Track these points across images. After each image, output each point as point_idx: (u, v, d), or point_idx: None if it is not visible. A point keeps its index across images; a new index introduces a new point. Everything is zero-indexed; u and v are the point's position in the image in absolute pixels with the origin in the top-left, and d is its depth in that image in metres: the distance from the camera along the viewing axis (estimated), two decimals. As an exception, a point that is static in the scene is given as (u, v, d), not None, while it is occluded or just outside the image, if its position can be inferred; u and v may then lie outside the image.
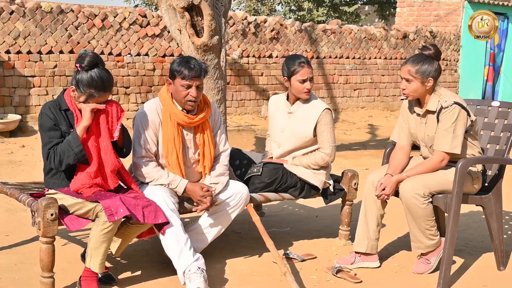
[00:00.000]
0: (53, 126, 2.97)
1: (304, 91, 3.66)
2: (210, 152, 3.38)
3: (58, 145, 2.96)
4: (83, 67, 2.95)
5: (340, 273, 3.40)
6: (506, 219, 4.53)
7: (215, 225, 3.42)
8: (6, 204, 4.49)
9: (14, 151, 6.78)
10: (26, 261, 3.44)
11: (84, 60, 2.96)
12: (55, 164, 2.96)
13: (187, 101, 3.25)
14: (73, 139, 2.93)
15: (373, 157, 7.30)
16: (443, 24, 12.60)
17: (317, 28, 10.51)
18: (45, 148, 2.99)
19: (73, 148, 2.92)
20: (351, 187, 3.89)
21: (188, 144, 3.36)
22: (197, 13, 5.21)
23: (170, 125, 3.27)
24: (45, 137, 2.99)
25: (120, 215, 2.85)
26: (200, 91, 3.26)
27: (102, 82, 2.96)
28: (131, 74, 8.58)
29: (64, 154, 2.92)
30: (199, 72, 3.22)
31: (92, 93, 2.95)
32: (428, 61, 3.36)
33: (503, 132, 3.59)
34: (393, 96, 11.70)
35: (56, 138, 2.97)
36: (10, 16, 7.57)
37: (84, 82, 2.95)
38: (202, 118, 3.34)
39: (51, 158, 2.95)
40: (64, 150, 2.92)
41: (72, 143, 2.92)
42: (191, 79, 3.21)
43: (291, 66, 3.66)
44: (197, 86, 3.24)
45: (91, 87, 2.94)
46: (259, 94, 9.89)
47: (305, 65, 3.65)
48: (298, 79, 3.65)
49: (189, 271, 3.05)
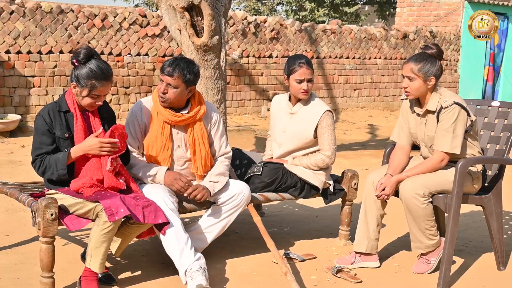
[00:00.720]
0: (46, 131, 2.98)
1: (301, 91, 3.66)
2: (201, 152, 3.36)
3: (47, 154, 2.98)
4: (80, 61, 2.97)
5: (340, 273, 3.40)
6: (506, 219, 4.53)
7: (216, 224, 3.42)
8: (6, 204, 4.49)
9: (14, 151, 6.78)
10: (26, 261, 3.44)
11: (79, 54, 2.98)
12: (38, 172, 3.02)
13: (159, 95, 3.28)
14: (62, 160, 2.95)
15: (373, 157, 7.30)
16: (443, 24, 12.61)
17: (317, 28, 10.51)
18: (34, 152, 3.02)
19: (57, 169, 2.95)
20: (351, 187, 3.89)
21: (179, 142, 3.36)
22: (197, 13, 5.20)
23: (155, 123, 3.31)
24: (36, 140, 3.02)
25: (120, 215, 2.85)
26: (172, 90, 3.23)
27: (102, 71, 2.97)
28: (131, 74, 8.59)
29: (49, 169, 2.96)
30: (172, 72, 3.21)
31: (94, 84, 2.96)
32: (431, 60, 3.37)
33: (503, 132, 3.59)
34: (393, 96, 11.70)
35: (46, 145, 2.98)
36: (10, 16, 7.57)
37: (84, 75, 2.96)
38: (191, 117, 3.32)
39: (36, 164, 3.00)
40: (51, 165, 2.96)
41: (59, 163, 2.95)
42: (163, 75, 3.24)
43: (291, 65, 3.66)
44: (168, 84, 3.23)
45: (92, 78, 2.95)
46: (259, 94, 9.89)
47: (304, 66, 3.65)
48: (295, 78, 3.64)
49: (190, 269, 3.05)
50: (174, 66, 3.23)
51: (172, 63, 3.25)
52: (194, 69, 3.29)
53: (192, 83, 3.28)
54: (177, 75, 3.22)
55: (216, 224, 3.42)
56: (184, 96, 3.30)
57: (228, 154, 3.51)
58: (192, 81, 3.28)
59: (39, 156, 2.99)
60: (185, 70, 3.23)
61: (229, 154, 3.52)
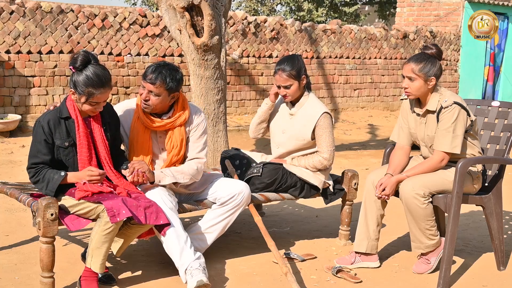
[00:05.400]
0: (43, 140, 2.98)
1: (282, 94, 3.67)
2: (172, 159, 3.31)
3: (42, 165, 2.98)
4: (76, 68, 2.95)
5: (340, 273, 3.40)
6: (506, 219, 4.54)
7: (217, 225, 3.41)
8: (6, 204, 4.49)
9: (14, 151, 6.79)
10: (26, 261, 3.44)
11: (76, 61, 2.96)
12: (30, 180, 3.04)
13: (142, 102, 3.25)
14: (55, 182, 2.96)
15: (373, 157, 7.30)
16: (443, 24, 12.61)
17: (317, 28, 10.51)
18: (30, 159, 3.02)
19: (47, 188, 2.96)
20: (351, 187, 3.89)
21: (162, 145, 3.34)
22: (197, 13, 5.21)
23: (136, 127, 3.28)
24: (33, 146, 3.02)
25: (122, 216, 2.85)
26: (154, 97, 3.18)
27: (98, 78, 2.95)
28: (131, 74, 8.59)
29: (40, 184, 2.98)
30: (154, 80, 3.17)
31: (91, 92, 2.95)
32: (431, 60, 3.37)
33: (503, 132, 3.59)
34: (393, 96, 11.70)
35: (42, 154, 2.98)
36: (10, 16, 7.57)
37: (81, 83, 2.94)
38: (169, 123, 3.28)
39: (31, 173, 3.02)
40: (43, 181, 2.97)
41: (51, 184, 2.96)
42: (145, 82, 3.20)
43: (276, 67, 3.67)
44: (150, 91, 3.19)
45: (89, 86, 2.94)
46: (259, 94, 9.89)
47: (279, 72, 3.60)
48: (276, 84, 3.67)
49: (191, 268, 3.05)
50: (157, 74, 3.18)
51: (155, 70, 3.19)
52: (177, 76, 3.23)
53: (175, 90, 3.23)
54: (159, 83, 3.17)
55: (217, 224, 3.41)
56: (167, 103, 3.26)
57: (201, 160, 3.35)
58: (174, 88, 3.22)
59: (34, 165, 3.00)
60: (168, 78, 3.18)
61: (202, 160, 3.36)
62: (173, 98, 3.27)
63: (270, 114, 3.84)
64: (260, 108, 3.84)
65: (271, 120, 3.85)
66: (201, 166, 3.36)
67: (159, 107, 3.25)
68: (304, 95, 3.71)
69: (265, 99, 3.82)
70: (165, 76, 3.18)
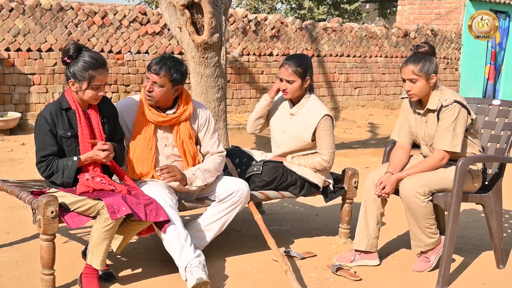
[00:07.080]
0: (48, 131, 2.98)
1: (282, 88, 3.66)
2: (190, 151, 3.33)
3: (52, 156, 2.98)
4: (71, 56, 2.99)
5: (340, 271, 3.40)
6: (506, 218, 4.54)
7: (216, 222, 3.42)
8: (7, 202, 4.49)
9: (14, 149, 6.79)
10: (26, 258, 3.44)
11: (69, 50, 2.99)
12: (42, 174, 3.03)
13: (145, 93, 3.25)
14: (71, 168, 2.96)
15: (373, 156, 7.30)
16: (444, 23, 12.60)
17: (318, 26, 10.50)
18: (38, 153, 3.01)
19: (64, 176, 2.97)
20: (351, 185, 3.89)
21: (165, 141, 3.34)
22: (197, 11, 5.21)
23: (139, 123, 3.29)
24: (40, 141, 3.01)
25: (122, 213, 2.86)
26: (158, 88, 3.20)
27: (96, 60, 2.98)
28: (131, 72, 8.59)
29: (56, 174, 2.98)
30: (158, 71, 3.19)
31: (92, 74, 2.97)
32: (427, 58, 3.37)
33: (504, 130, 3.59)
34: (393, 94, 11.69)
35: (50, 146, 2.98)
36: (10, 13, 7.56)
37: (79, 69, 2.97)
38: (175, 118, 3.29)
39: (42, 167, 3.00)
40: (58, 170, 2.97)
41: (67, 171, 2.97)
42: (149, 73, 3.22)
43: (284, 60, 3.69)
44: (154, 82, 3.21)
45: (88, 69, 2.96)
46: (260, 92, 9.88)
47: (286, 65, 3.62)
48: (279, 76, 3.66)
49: (190, 265, 3.06)
50: (161, 65, 3.20)
51: (159, 61, 3.22)
52: (182, 69, 3.25)
53: (179, 82, 3.25)
54: (163, 73, 3.19)
55: (216, 222, 3.41)
56: (171, 95, 3.27)
57: (222, 153, 3.45)
58: (178, 80, 3.24)
59: (45, 158, 2.99)
60: (172, 69, 3.20)
61: (223, 153, 3.46)
62: (176, 91, 3.28)
63: (269, 111, 3.84)
64: (258, 104, 3.84)
65: (270, 118, 3.85)
66: (223, 159, 3.43)
67: (163, 99, 3.25)
68: (305, 97, 3.71)
69: (264, 95, 3.83)
70: (170, 67, 3.20)
